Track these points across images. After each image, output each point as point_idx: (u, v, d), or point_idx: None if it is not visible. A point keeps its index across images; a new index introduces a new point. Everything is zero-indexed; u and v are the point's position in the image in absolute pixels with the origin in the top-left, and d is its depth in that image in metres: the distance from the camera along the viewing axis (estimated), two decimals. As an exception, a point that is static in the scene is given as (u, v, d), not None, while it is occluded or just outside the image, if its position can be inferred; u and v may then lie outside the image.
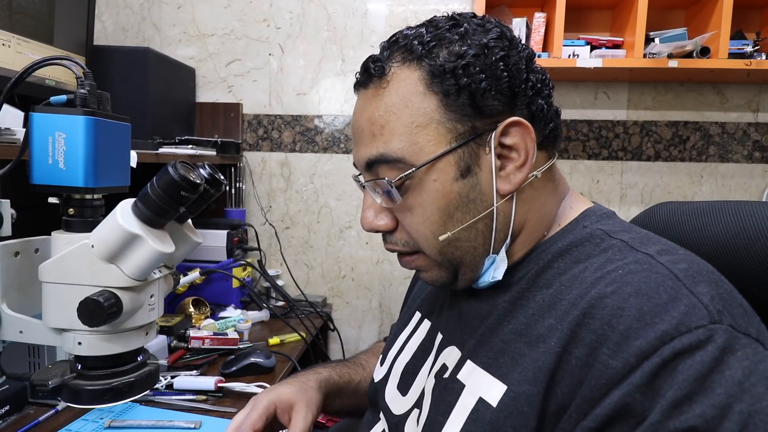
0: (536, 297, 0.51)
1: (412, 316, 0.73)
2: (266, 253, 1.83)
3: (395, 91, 0.51)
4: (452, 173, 0.51)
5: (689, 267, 0.45)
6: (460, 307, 0.60)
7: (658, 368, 0.39)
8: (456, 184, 0.51)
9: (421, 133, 0.50)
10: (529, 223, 0.55)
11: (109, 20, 1.81)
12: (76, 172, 0.46)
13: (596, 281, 0.46)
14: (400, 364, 0.67)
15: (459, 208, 0.52)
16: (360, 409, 0.78)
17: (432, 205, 0.52)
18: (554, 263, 0.52)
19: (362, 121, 0.54)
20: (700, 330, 0.39)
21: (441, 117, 0.50)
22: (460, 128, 0.50)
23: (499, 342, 0.51)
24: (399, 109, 0.51)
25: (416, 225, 0.53)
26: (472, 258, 0.54)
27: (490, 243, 0.53)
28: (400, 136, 0.51)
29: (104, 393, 0.49)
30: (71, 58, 0.49)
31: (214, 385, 0.99)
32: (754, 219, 0.54)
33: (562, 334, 0.45)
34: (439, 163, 0.51)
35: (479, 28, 0.52)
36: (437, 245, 0.53)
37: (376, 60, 0.53)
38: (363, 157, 0.54)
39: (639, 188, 1.75)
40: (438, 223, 0.52)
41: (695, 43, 1.40)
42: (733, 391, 0.37)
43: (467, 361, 0.53)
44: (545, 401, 0.44)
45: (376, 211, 0.56)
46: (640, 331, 0.40)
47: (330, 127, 1.79)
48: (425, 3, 1.71)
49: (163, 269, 0.53)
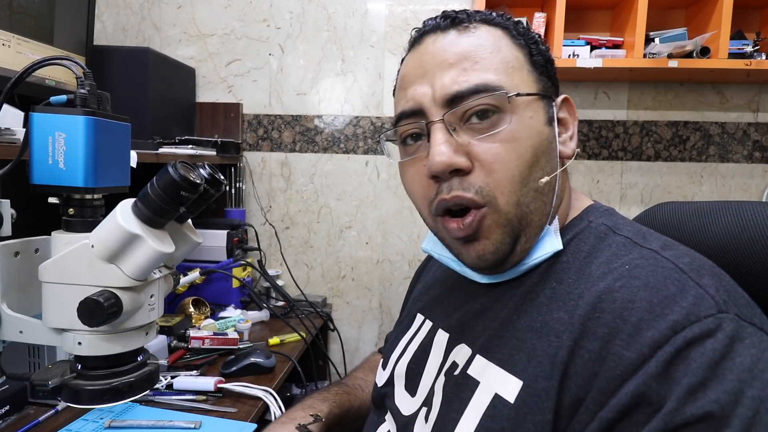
0: (546, 291, 0.51)
1: (413, 320, 0.72)
2: (266, 253, 1.83)
3: (485, 34, 0.52)
4: (543, 117, 0.53)
5: (692, 261, 0.46)
6: (468, 305, 0.60)
7: (671, 357, 0.40)
8: (545, 128, 0.53)
9: (515, 73, 0.52)
10: (561, 204, 0.56)
11: (109, 20, 1.81)
12: (76, 172, 0.46)
13: (603, 276, 0.47)
14: (402, 366, 0.67)
15: (545, 154, 0.52)
16: None
17: (527, 141, 0.50)
18: (561, 257, 0.53)
19: (449, 55, 0.51)
20: (709, 319, 0.40)
21: (530, 67, 0.53)
22: (544, 82, 0.54)
23: (512, 338, 0.51)
24: (492, 50, 0.51)
25: (507, 162, 0.49)
26: (539, 220, 0.52)
27: (551, 208, 0.53)
28: (496, 71, 0.51)
29: (104, 393, 0.49)
30: (71, 58, 0.49)
31: (214, 386, 0.99)
32: (754, 219, 0.54)
33: (574, 328, 0.46)
34: (534, 103, 0.52)
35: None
36: (519, 192, 0.50)
37: (458, 12, 0.54)
38: (450, 89, 0.50)
39: (639, 188, 1.75)
40: (529, 162, 0.50)
41: (695, 43, 1.40)
42: (744, 377, 0.38)
43: (477, 356, 0.53)
44: (559, 395, 0.45)
45: (452, 147, 0.50)
46: (652, 322, 0.41)
47: (330, 127, 1.79)
48: (425, 3, 1.71)
49: (163, 269, 0.53)
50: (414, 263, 1.80)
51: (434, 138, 0.51)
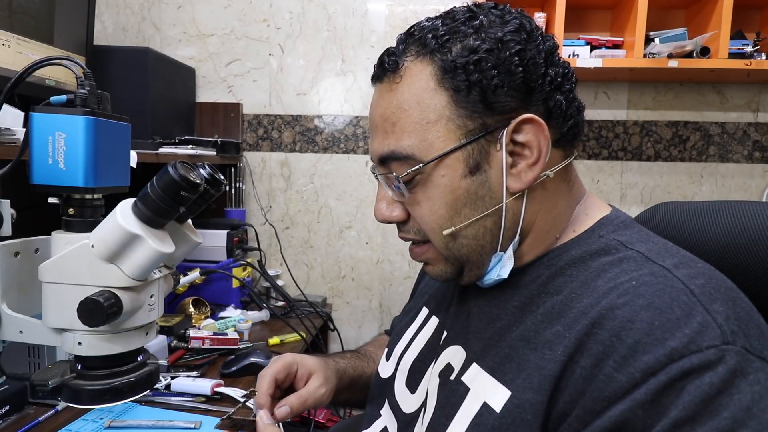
0: (546, 303, 0.50)
1: (419, 312, 0.73)
2: (266, 253, 1.83)
3: (407, 87, 0.52)
4: (460, 170, 0.51)
5: (707, 283, 0.43)
6: (468, 307, 0.60)
7: (664, 386, 0.38)
8: (464, 181, 0.51)
9: (431, 129, 0.51)
10: (539, 224, 0.54)
11: (109, 20, 1.81)
12: (76, 172, 0.46)
13: (608, 291, 0.45)
14: (408, 361, 0.67)
15: (467, 204, 0.52)
16: (364, 403, 0.79)
17: (439, 199, 0.52)
18: (567, 270, 0.51)
19: (376, 116, 0.55)
20: (711, 350, 0.38)
21: (451, 114, 0.50)
22: (469, 125, 0.50)
23: (506, 347, 0.50)
24: (410, 105, 0.51)
25: (424, 218, 0.54)
26: (479, 255, 0.54)
27: (497, 240, 0.53)
28: (410, 133, 0.51)
29: (104, 393, 0.49)
30: (71, 58, 0.49)
31: (210, 390, 0.98)
32: (754, 219, 0.54)
33: (570, 342, 0.44)
34: (447, 160, 0.51)
35: (497, 20, 0.51)
36: (443, 239, 0.53)
37: (391, 54, 0.54)
38: (376, 152, 0.55)
39: (639, 188, 1.75)
40: (445, 217, 0.53)
41: (695, 43, 1.40)
42: (740, 416, 0.36)
43: (473, 363, 0.53)
44: (548, 409, 0.44)
45: (389, 203, 0.57)
46: (649, 346, 0.39)
47: (330, 127, 1.79)
48: (425, 3, 1.71)
49: (163, 269, 0.53)
50: (414, 263, 1.79)
51: (378, 191, 0.58)
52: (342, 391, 0.77)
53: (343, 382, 0.76)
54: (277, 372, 0.69)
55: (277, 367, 0.69)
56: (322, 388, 0.70)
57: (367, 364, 0.83)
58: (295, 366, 0.71)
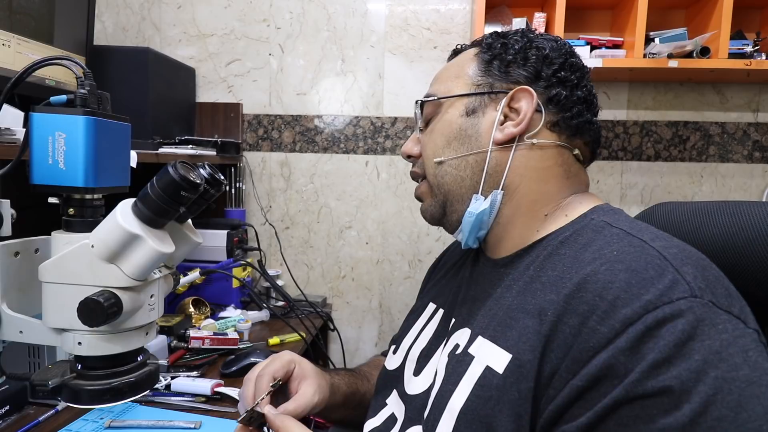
0: (542, 278, 0.54)
1: (425, 307, 0.76)
2: (266, 253, 1.83)
3: (461, 57, 0.69)
4: (460, 110, 0.64)
5: (679, 252, 0.48)
6: (474, 292, 0.64)
7: (641, 334, 0.42)
8: (460, 119, 0.64)
9: (455, 81, 0.66)
10: (523, 188, 0.61)
11: (109, 20, 1.81)
12: (76, 172, 0.46)
13: (592, 260, 0.50)
14: (416, 351, 0.70)
15: (456, 138, 0.64)
16: (360, 421, 0.78)
17: (440, 131, 0.66)
18: (560, 249, 0.56)
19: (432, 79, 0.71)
20: (681, 301, 0.43)
21: (473, 74, 0.65)
22: (481, 82, 0.64)
23: (507, 318, 0.54)
24: (451, 67, 0.69)
25: (426, 149, 0.67)
26: (458, 189, 0.64)
27: (478, 180, 0.62)
28: (442, 82, 0.67)
29: (104, 393, 0.49)
30: (71, 58, 0.49)
31: (211, 390, 0.98)
32: (754, 219, 0.54)
33: (559, 305, 0.49)
34: (456, 102, 0.65)
35: (547, 37, 0.65)
36: (433, 166, 0.65)
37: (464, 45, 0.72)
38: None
39: (639, 188, 1.75)
40: (438, 146, 0.65)
41: (695, 43, 1.40)
42: (710, 359, 0.40)
43: (478, 336, 0.56)
44: (540, 365, 0.48)
45: (413, 143, 0.71)
46: (627, 300, 0.44)
47: (330, 127, 1.79)
48: (425, 3, 1.71)
49: (163, 269, 0.53)
50: (414, 263, 1.80)
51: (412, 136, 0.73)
52: (336, 408, 0.77)
53: (336, 397, 0.76)
54: (275, 371, 0.69)
55: (276, 366, 0.70)
56: (315, 396, 0.70)
57: (361, 382, 0.83)
58: (293, 365, 0.72)
